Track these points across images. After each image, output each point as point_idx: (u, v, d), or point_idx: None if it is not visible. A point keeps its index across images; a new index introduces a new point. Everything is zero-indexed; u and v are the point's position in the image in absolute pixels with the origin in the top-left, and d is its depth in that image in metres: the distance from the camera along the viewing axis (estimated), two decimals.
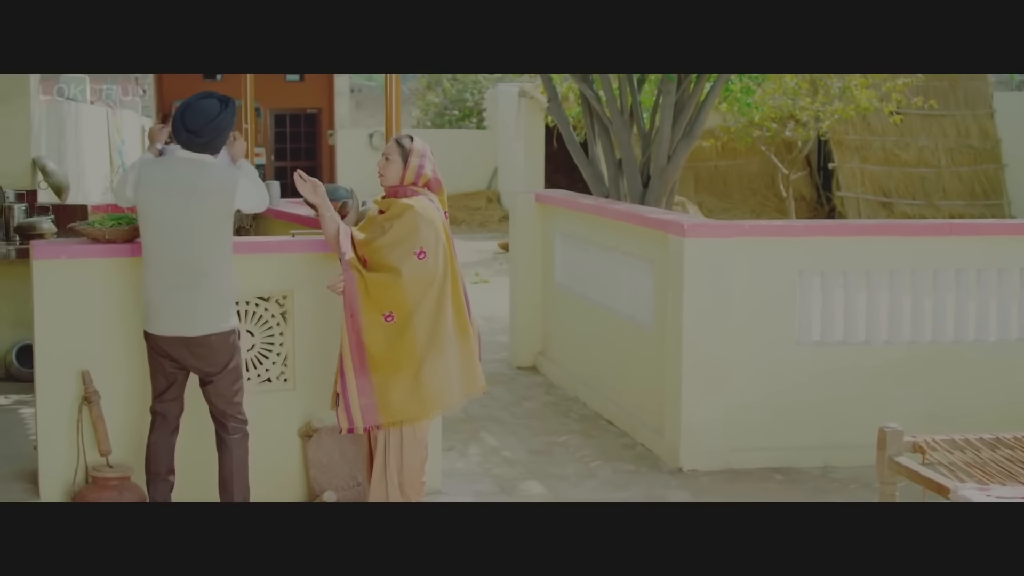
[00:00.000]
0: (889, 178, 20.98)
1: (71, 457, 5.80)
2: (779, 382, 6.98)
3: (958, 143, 21.30)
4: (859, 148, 20.98)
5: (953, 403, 7.08)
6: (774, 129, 17.81)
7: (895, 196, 20.92)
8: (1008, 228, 7.28)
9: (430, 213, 5.41)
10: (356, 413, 5.35)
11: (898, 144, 21.03)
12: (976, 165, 21.30)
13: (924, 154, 21.15)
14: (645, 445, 7.39)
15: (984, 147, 21.35)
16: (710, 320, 6.83)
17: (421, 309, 5.33)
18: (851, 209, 20.63)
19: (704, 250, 6.77)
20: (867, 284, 7.06)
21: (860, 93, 17.01)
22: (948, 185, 21.15)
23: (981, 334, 7.20)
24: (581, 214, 8.66)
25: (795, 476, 6.85)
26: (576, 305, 8.73)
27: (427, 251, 5.34)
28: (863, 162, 20.93)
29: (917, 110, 19.69)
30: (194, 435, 5.71)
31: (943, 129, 21.32)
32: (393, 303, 5.32)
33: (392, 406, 5.34)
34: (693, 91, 10.34)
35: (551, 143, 21.29)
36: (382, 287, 5.32)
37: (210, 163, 5.32)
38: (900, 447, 5.05)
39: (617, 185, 10.81)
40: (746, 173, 21.49)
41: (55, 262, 5.75)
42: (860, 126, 20.69)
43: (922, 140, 21.12)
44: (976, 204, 21.07)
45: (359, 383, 5.34)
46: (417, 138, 5.59)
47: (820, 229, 7.38)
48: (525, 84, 21.85)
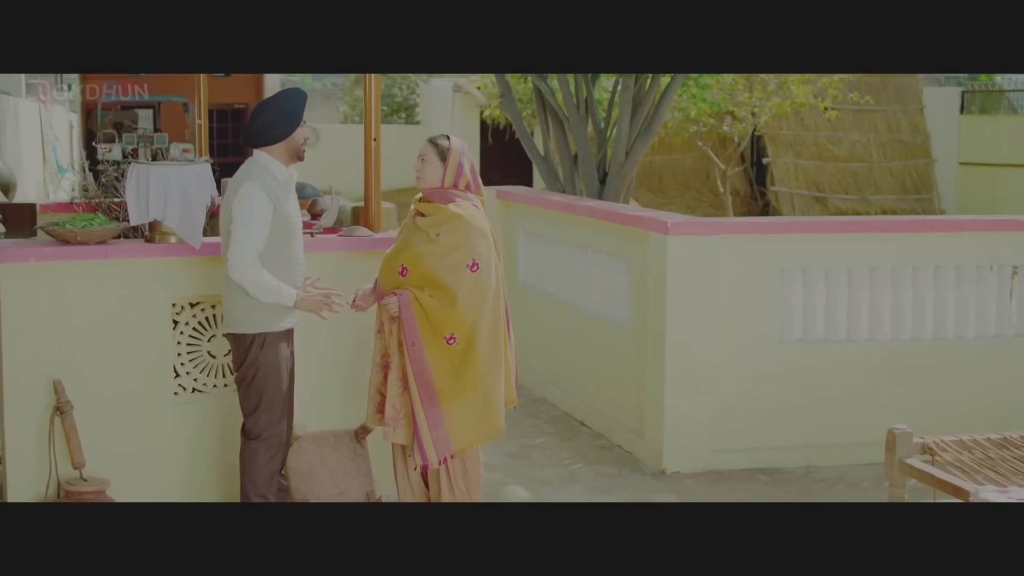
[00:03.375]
0: (822, 173, 21.13)
1: (42, 470, 5.50)
2: (762, 381, 6.88)
3: (889, 138, 21.52)
4: (793, 143, 21.10)
5: (934, 402, 7.03)
6: (711, 124, 17.82)
7: (828, 191, 21.07)
8: (988, 224, 7.25)
9: (481, 222, 5.19)
10: (429, 448, 5.13)
11: (831, 139, 21.19)
12: (906, 160, 21.54)
13: (856, 149, 21.34)
14: (623, 447, 7.26)
15: (914, 142, 21.60)
16: (694, 319, 6.71)
17: (482, 326, 5.12)
18: (785, 204, 20.74)
19: (687, 248, 6.65)
20: (848, 281, 7.00)
21: (797, 88, 17.07)
22: (880, 180, 21.36)
23: (960, 331, 7.17)
24: (548, 211, 8.50)
25: (779, 477, 6.76)
26: (542, 304, 8.56)
27: (480, 263, 5.12)
28: (797, 157, 21.06)
29: (852, 105, 19.82)
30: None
31: (874, 124, 21.53)
32: (452, 324, 5.10)
33: (463, 432, 5.15)
34: (651, 86, 10.24)
35: (486, 139, 21.12)
36: (439, 309, 5.10)
37: (243, 169, 5.29)
38: (910, 449, 4.98)
39: (572, 181, 10.67)
40: (681, 169, 21.50)
41: (23, 265, 5.44)
42: (794, 121, 20.80)
43: (854, 135, 21.30)
44: (907, 199, 21.31)
45: (429, 416, 5.12)
46: (454, 137, 5.35)
47: (805, 226, 7.30)
48: (459, 79, 21.64)
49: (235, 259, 5.12)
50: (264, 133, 5.25)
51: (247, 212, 5.12)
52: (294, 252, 5.31)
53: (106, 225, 5.55)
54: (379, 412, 5.45)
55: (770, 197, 20.96)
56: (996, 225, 7.21)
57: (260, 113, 5.29)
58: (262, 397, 5.29)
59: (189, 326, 5.81)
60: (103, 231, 5.52)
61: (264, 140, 5.26)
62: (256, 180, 5.16)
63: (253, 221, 5.11)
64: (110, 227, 5.56)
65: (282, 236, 5.23)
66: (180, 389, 5.82)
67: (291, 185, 5.34)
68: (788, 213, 20.36)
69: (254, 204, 5.12)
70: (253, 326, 5.23)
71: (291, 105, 5.30)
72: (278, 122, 5.24)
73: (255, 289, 5.14)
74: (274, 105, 5.30)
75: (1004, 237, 7.14)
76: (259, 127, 5.26)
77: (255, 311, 5.21)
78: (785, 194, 20.78)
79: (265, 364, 5.27)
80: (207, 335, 5.84)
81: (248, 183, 5.16)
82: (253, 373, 5.28)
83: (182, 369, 5.81)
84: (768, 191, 21.02)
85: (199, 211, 5.60)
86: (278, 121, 5.24)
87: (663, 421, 6.75)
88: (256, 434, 5.33)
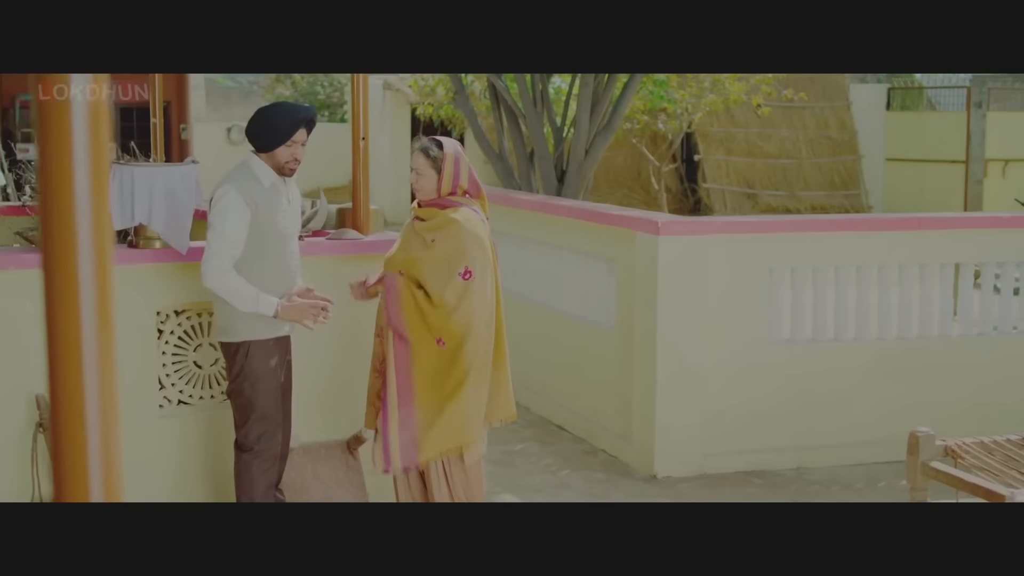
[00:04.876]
0: (753, 170, 21.21)
1: (24, 489, 5.19)
2: (752, 383, 6.77)
3: (818, 135, 21.68)
4: (724, 140, 21.16)
5: (922, 401, 6.99)
6: (644, 121, 17.76)
7: (759, 187, 21.16)
8: (971, 222, 7.24)
9: (477, 228, 4.97)
10: (395, 451, 4.90)
11: (761, 136, 21.28)
12: (835, 156, 21.71)
13: (786, 146, 21.46)
14: (607, 451, 7.11)
15: (842, 139, 21.78)
16: (685, 321, 6.58)
17: (472, 335, 4.90)
18: (717, 201, 20.79)
19: (679, 248, 6.52)
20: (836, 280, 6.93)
21: (732, 85, 17.08)
22: (809, 176, 21.50)
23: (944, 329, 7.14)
24: (520, 211, 8.32)
25: (772, 479, 6.67)
26: (514, 306, 8.37)
27: (473, 270, 4.90)
28: (728, 154, 21.11)
29: (786, 103, 19.92)
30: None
31: (803, 121, 21.67)
32: (442, 330, 4.89)
33: (431, 444, 4.91)
34: (609, 83, 10.10)
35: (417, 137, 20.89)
36: (432, 312, 4.89)
37: (229, 171, 5.05)
38: (933, 451, 4.91)
39: (528, 179, 10.50)
40: (612, 166, 21.43)
41: (1, 273, 5.14)
42: (724, 119, 20.84)
43: (783, 132, 21.41)
44: (835, 195, 21.48)
45: (402, 415, 4.89)
46: (446, 142, 5.12)
47: (796, 225, 7.21)
48: (389, 77, 21.36)
49: (207, 265, 4.88)
50: (251, 138, 5.04)
51: (220, 217, 4.88)
52: (285, 258, 5.07)
53: None
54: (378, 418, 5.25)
55: (701, 194, 20.99)
56: (980, 223, 7.19)
57: (254, 118, 5.08)
58: (252, 408, 5.05)
59: (174, 335, 5.54)
60: None
61: (253, 144, 5.04)
62: (234, 183, 4.91)
63: (227, 226, 4.87)
64: None
65: (268, 241, 4.97)
66: (165, 401, 5.55)
67: (280, 189, 5.08)
68: (720, 210, 20.41)
69: (228, 209, 4.87)
70: (239, 334, 4.98)
71: (279, 123, 5.00)
72: (262, 134, 5.01)
73: (231, 297, 4.90)
74: (264, 116, 5.06)
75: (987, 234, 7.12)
76: (248, 131, 5.06)
77: (240, 319, 4.96)
78: (716, 191, 20.82)
79: (252, 374, 5.02)
80: (193, 344, 5.58)
81: (224, 186, 4.92)
82: (241, 383, 5.03)
83: (167, 380, 5.54)
84: (700, 188, 21.05)
85: (186, 214, 5.34)
86: (263, 133, 5.01)
87: (654, 425, 6.61)
88: (248, 447, 5.09)
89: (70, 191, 1.28)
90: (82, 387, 1.34)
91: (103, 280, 1.32)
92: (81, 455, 1.35)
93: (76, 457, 1.34)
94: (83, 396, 1.33)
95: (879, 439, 6.83)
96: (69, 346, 1.31)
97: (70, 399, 1.33)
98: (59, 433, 1.34)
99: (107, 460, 1.37)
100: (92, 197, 1.29)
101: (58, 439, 1.34)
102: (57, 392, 1.33)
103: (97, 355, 1.32)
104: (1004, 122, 20.79)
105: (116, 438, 1.38)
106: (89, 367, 1.34)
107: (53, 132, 1.27)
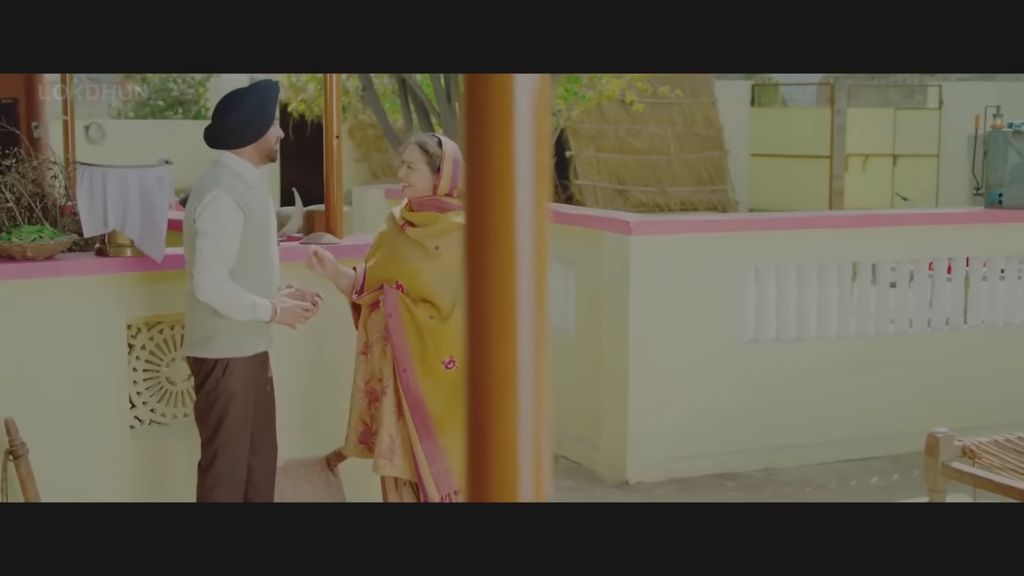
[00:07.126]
0: (623, 166, 21.31)
1: None
2: (724, 385, 6.66)
3: (685, 131, 21.89)
4: (594, 137, 21.19)
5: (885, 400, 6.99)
6: None
7: (629, 183, 21.27)
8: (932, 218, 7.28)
9: None
10: (430, 484, 4.58)
11: (630, 132, 21.39)
12: (702, 152, 21.96)
13: (655, 142, 21.61)
14: (569, 457, 6.91)
15: (708, 135, 22.05)
16: (656, 324, 6.42)
17: None
18: (589, 197, 20.81)
19: (650, 249, 6.36)
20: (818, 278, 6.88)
21: (608, 83, 17.08)
22: (677, 172, 21.70)
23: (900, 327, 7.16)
24: None
25: (744, 482, 6.58)
26: None
27: None
28: (598, 151, 21.16)
29: (655, 99, 20.02)
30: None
31: (671, 117, 21.85)
32: (452, 346, 4.56)
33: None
34: None
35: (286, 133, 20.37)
36: (438, 330, 4.57)
37: (207, 174, 4.66)
38: (952, 452, 4.86)
39: None
40: None
41: None
42: (595, 115, 20.87)
43: (652, 128, 21.56)
44: (703, 190, 21.74)
45: (427, 450, 4.57)
46: (445, 139, 4.81)
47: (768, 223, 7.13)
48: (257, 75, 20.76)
49: (203, 277, 4.49)
50: (239, 133, 4.61)
51: (214, 224, 4.50)
52: (271, 260, 4.74)
53: (58, 238, 4.83)
54: (361, 443, 4.92)
55: (573, 190, 20.99)
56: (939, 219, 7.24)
57: (232, 110, 4.64)
58: (220, 427, 4.69)
59: (146, 350, 5.14)
60: (55, 244, 4.79)
61: (236, 141, 4.64)
62: (223, 187, 4.54)
63: (222, 233, 4.50)
64: (62, 240, 4.85)
65: (257, 244, 4.64)
66: (136, 422, 5.14)
67: (263, 187, 4.75)
68: (592, 205, 20.41)
69: (222, 214, 4.51)
70: (217, 350, 4.61)
71: (267, 99, 4.70)
72: (253, 120, 4.63)
73: (228, 308, 4.54)
74: (248, 101, 4.65)
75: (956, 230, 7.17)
76: (234, 126, 4.61)
77: (221, 333, 4.59)
78: (588, 187, 20.85)
79: (227, 392, 4.65)
80: (166, 359, 5.18)
81: (213, 191, 4.53)
82: (212, 401, 4.66)
83: (138, 399, 5.14)
84: (571, 184, 21.05)
85: (161, 219, 4.95)
86: (253, 119, 4.63)
87: (626, 429, 6.44)
88: (209, 467, 4.72)
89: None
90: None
91: None
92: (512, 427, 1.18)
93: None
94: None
95: (845, 438, 6.81)
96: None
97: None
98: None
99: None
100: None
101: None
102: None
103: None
104: (862, 118, 21.37)
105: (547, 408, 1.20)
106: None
107: None
